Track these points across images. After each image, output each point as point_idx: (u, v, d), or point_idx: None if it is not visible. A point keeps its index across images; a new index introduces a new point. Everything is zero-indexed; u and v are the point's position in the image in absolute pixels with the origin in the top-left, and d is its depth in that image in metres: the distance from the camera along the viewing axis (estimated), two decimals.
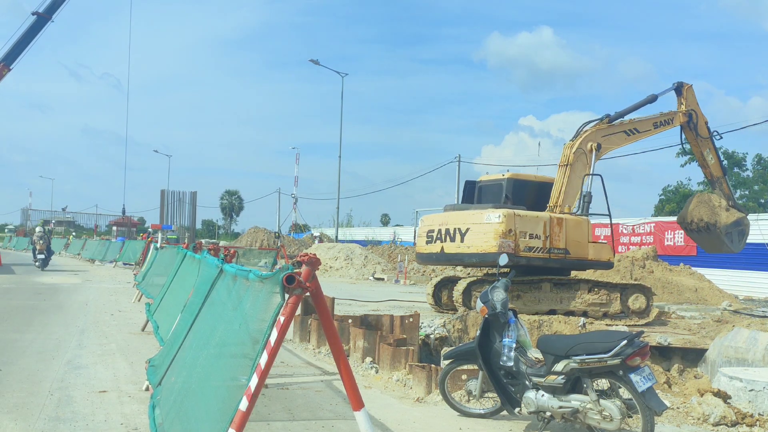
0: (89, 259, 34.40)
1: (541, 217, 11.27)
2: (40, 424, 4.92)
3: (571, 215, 11.62)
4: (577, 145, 12.10)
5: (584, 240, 11.57)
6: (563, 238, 11.32)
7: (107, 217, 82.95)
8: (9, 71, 24.71)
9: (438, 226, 11.99)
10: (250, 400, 3.05)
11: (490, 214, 11.18)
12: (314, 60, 39.01)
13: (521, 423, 5.53)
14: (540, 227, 11.16)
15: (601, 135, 12.27)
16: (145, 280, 12.38)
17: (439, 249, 11.89)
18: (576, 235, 11.45)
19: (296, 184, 64.21)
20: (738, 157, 37.58)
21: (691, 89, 13.41)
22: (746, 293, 19.74)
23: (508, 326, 5.44)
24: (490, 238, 10.94)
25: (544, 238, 11.18)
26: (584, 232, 11.61)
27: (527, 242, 11.02)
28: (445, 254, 11.78)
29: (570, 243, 11.37)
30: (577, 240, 11.45)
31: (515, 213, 11.08)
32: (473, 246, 11.24)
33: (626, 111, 12.90)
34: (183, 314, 5.82)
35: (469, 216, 11.54)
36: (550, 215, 11.38)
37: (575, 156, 11.98)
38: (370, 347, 7.79)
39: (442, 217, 12.21)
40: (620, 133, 12.59)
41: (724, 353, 7.71)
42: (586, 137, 12.18)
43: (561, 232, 11.32)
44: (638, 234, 24.53)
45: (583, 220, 11.68)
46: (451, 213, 12.10)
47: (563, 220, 11.40)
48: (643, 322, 11.00)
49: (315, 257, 3.33)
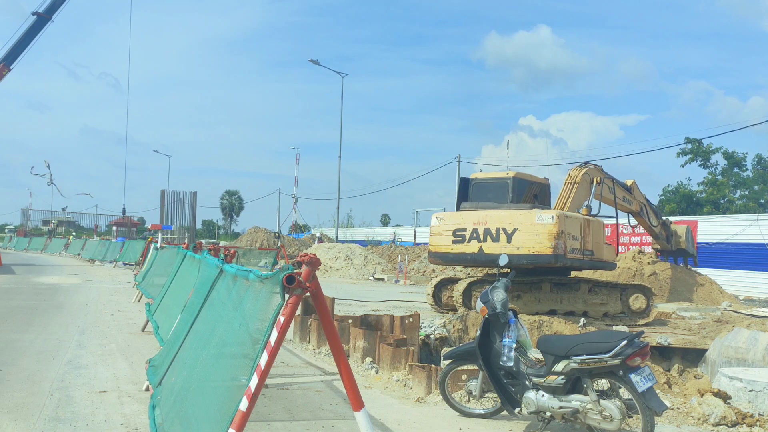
0: (89, 260, 34.41)
1: (578, 218, 11.02)
2: (40, 424, 4.92)
3: (592, 216, 11.58)
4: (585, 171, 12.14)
5: (602, 241, 11.72)
6: (591, 239, 11.34)
7: (107, 217, 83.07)
8: (9, 71, 24.73)
9: (473, 225, 11.24)
10: (250, 400, 3.05)
11: (541, 214, 10.65)
12: (314, 60, 39.05)
13: (521, 423, 5.53)
14: (578, 227, 10.94)
15: (608, 185, 12.52)
16: (146, 280, 12.39)
17: (476, 249, 11.12)
18: (597, 237, 11.57)
19: (296, 184, 64.20)
20: (738, 157, 37.56)
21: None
22: (746, 293, 19.74)
23: (509, 326, 5.44)
24: (544, 239, 10.46)
25: (581, 240, 11.04)
26: (602, 234, 11.77)
27: (572, 243, 10.78)
28: (485, 254, 10.99)
29: (594, 244, 11.44)
30: (598, 241, 11.57)
31: (564, 214, 10.72)
32: (524, 247, 10.66)
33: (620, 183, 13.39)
34: (183, 314, 5.82)
35: (515, 216, 10.90)
36: (584, 216, 11.12)
37: (582, 177, 12.03)
38: (370, 347, 7.78)
39: (476, 215, 11.37)
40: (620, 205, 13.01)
41: (724, 353, 7.71)
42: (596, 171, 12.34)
43: (590, 233, 11.33)
44: (638, 234, 24.49)
45: (600, 222, 11.80)
46: (489, 212, 11.31)
47: (590, 221, 11.33)
48: (643, 322, 11.00)
49: (315, 257, 3.33)
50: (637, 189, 14.25)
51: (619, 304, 11.35)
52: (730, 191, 37.84)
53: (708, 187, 37.93)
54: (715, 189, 37.21)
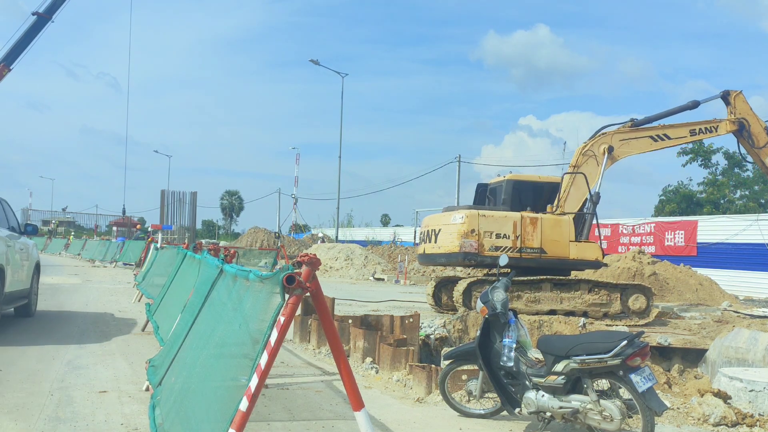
0: (89, 260, 34.42)
1: (511, 217, 11.44)
2: (40, 424, 4.92)
3: (551, 215, 11.63)
4: (588, 146, 12.09)
5: (564, 239, 11.51)
6: (537, 237, 11.39)
7: (107, 217, 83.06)
8: (9, 71, 24.73)
9: (426, 227, 12.50)
10: (250, 401, 3.04)
11: (456, 215, 11.55)
12: (314, 60, 39.13)
13: (521, 423, 5.53)
14: (509, 227, 11.34)
15: (619, 138, 12.15)
16: (146, 280, 12.38)
17: (422, 250, 12.48)
18: (554, 234, 11.46)
19: (296, 184, 64.26)
20: (738, 157, 37.57)
21: (740, 97, 12.82)
22: (746, 293, 19.74)
23: (509, 326, 5.44)
24: (455, 239, 11.35)
25: (514, 238, 11.35)
26: (564, 231, 11.55)
27: (494, 242, 11.30)
28: (426, 255, 12.29)
29: (546, 242, 11.41)
30: (555, 239, 11.45)
31: (479, 213, 11.40)
32: (442, 246, 11.66)
33: (658, 116, 12.56)
34: (183, 314, 5.82)
35: (442, 218, 11.98)
36: (521, 215, 11.49)
37: (584, 158, 11.97)
38: (370, 347, 7.78)
39: (427, 219, 12.80)
40: (645, 138, 12.36)
41: (725, 353, 7.71)
42: (600, 139, 12.13)
43: (535, 231, 11.39)
44: (638, 234, 24.53)
45: (564, 219, 11.61)
46: (433, 216, 12.69)
47: (537, 219, 11.45)
48: (644, 323, 11.00)
49: (315, 257, 3.32)
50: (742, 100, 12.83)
51: (619, 304, 11.34)
52: (730, 191, 37.82)
53: (708, 187, 37.91)
54: (716, 189, 37.19)
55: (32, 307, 10.66)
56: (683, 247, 22.83)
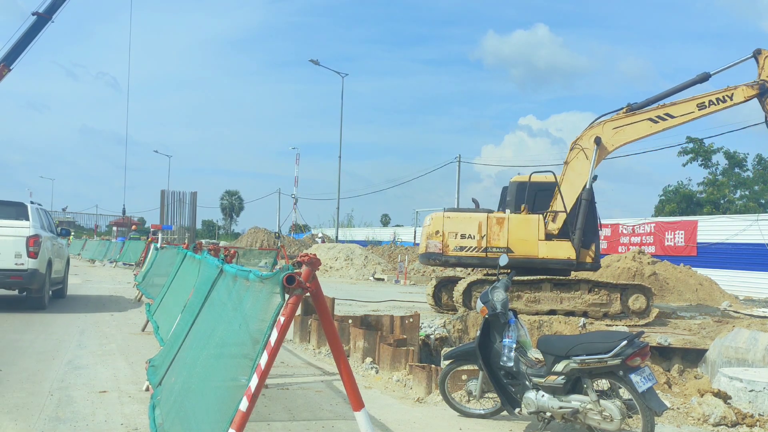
0: (89, 260, 34.42)
1: (476, 217, 11.70)
2: (40, 424, 4.92)
3: (519, 214, 11.67)
4: (577, 140, 11.88)
5: (532, 238, 11.47)
6: (504, 236, 11.47)
7: (107, 217, 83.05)
8: (9, 71, 24.70)
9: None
10: (250, 401, 3.04)
11: (429, 217, 12.15)
12: (314, 60, 39.09)
13: (521, 423, 5.54)
14: (474, 227, 11.58)
15: (612, 127, 11.65)
16: (146, 280, 12.38)
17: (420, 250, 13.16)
18: (521, 234, 11.47)
19: (296, 184, 64.24)
20: (739, 157, 37.51)
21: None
22: (746, 293, 19.74)
23: (509, 326, 5.44)
24: (423, 240, 12.22)
25: (479, 238, 11.52)
26: (532, 230, 11.50)
27: (458, 242, 11.60)
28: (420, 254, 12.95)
29: (513, 241, 11.44)
30: (523, 238, 11.45)
31: (444, 215, 11.90)
32: (420, 247, 12.56)
33: (661, 96, 11.69)
34: (183, 314, 5.82)
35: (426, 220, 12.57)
36: (487, 215, 11.71)
37: (574, 153, 11.80)
38: (370, 347, 7.79)
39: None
40: (643, 122, 11.51)
41: (725, 353, 7.71)
42: (590, 131, 11.80)
43: (502, 230, 11.50)
44: (638, 234, 24.52)
45: (532, 218, 11.55)
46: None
47: (504, 218, 11.57)
48: (643, 323, 11.00)
49: (315, 257, 3.32)
50: None
51: (619, 304, 11.34)
52: (730, 191, 37.78)
53: (708, 187, 37.87)
54: (715, 189, 37.15)
55: (65, 290, 14.43)
56: (683, 247, 22.83)
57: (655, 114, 11.52)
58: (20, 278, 11.22)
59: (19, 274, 11.17)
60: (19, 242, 11.20)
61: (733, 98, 11.44)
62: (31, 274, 11.27)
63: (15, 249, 11.17)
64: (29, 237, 11.31)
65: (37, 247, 11.38)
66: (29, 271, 11.24)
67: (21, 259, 11.18)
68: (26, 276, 11.23)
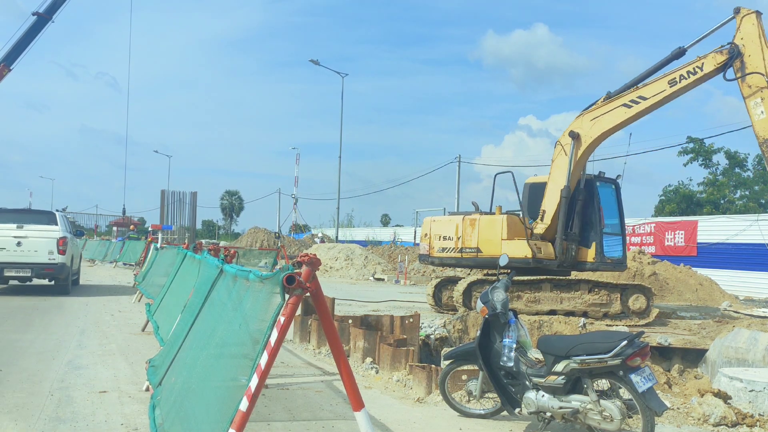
0: (89, 260, 34.39)
1: (454, 220, 12.16)
2: (40, 424, 4.92)
3: (487, 215, 11.87)
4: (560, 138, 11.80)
5: (496, 238, 11.57)
6: (475, 237, 11.72)
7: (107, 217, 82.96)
8: (9, 71, 24.68)
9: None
10: (250, 401, 3.04)
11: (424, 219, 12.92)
12: (314, 60, 39.07)
13: (521, 423, 5.53)
14: (452, 229, 12.02)
15: (589, 119, 11.20)
16: (146, 280, 12.39)
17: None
18: (488, 234, 11.64)
19: (296, 184, 64.24)
20: (739, 157, 37.51)
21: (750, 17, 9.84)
22: (746, 293, 19.74)
23: (509, 327, 5.44)
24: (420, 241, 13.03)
25: (456, 239, 11.91)
26: (496, 230, 11.59)
27: (441, 244, 12.18)
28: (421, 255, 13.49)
29: (482, 242, 11.67)
30: (489, 238, 11.63)
31: (432, 219, 12.71)
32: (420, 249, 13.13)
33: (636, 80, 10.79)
34: (183, 314, 5.82)
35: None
36: (463, 216, 12.04)
37: (556, 151, 11.76)
38: (371, 347, 7.79)
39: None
40: (618, 109, 10.83)
41: (725, 353, 7.71)
42: (569, 127, 11.60)
43: (473, 231, 11.76)
44: (638, 234, 24.51)
45: (497, 219, 11.68)
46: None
47: (476, 219, 11.82)
48: (644, 323, 10.99)
49: (315, 257, 3.33)
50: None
51: (619, 304, 11.34)
52: (730, 191, 37.79)
53: (708, 187, 37.87)
54: (716, 189, 37.15)
55: (78, 279, 18.12)
56: (683, 247, 22.82)
57: (629, 98, 10.75)
58: (52, 270, 14.40)
59: (51, 266, 14.32)
60: (52, 242, 14.29)
61: (703, 68, 10.26)
62: (60, 267, 14.41)
63: (48, 247, 14.27)
64: (59, 238, 14.37)
65: (65, 246, 14.42)
66: (59, 264, 14.37)
67: (53, 255, 14.28)
68: (56, 268, 14.40)
